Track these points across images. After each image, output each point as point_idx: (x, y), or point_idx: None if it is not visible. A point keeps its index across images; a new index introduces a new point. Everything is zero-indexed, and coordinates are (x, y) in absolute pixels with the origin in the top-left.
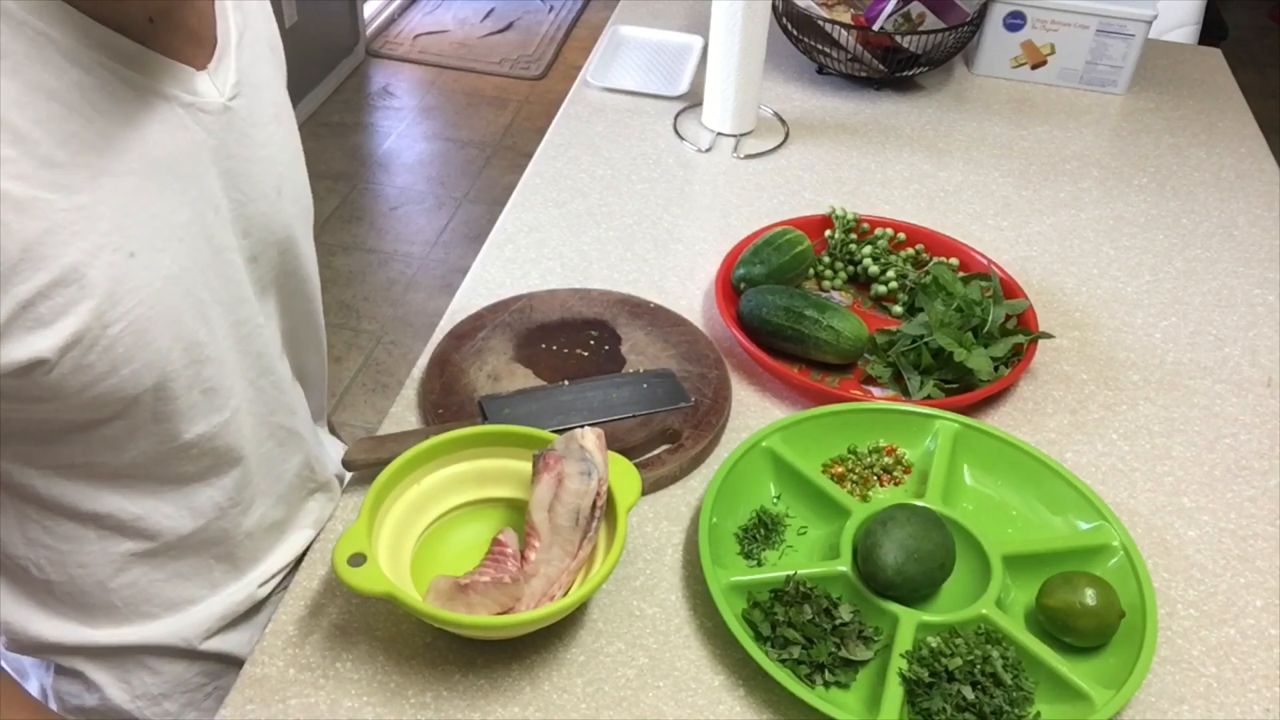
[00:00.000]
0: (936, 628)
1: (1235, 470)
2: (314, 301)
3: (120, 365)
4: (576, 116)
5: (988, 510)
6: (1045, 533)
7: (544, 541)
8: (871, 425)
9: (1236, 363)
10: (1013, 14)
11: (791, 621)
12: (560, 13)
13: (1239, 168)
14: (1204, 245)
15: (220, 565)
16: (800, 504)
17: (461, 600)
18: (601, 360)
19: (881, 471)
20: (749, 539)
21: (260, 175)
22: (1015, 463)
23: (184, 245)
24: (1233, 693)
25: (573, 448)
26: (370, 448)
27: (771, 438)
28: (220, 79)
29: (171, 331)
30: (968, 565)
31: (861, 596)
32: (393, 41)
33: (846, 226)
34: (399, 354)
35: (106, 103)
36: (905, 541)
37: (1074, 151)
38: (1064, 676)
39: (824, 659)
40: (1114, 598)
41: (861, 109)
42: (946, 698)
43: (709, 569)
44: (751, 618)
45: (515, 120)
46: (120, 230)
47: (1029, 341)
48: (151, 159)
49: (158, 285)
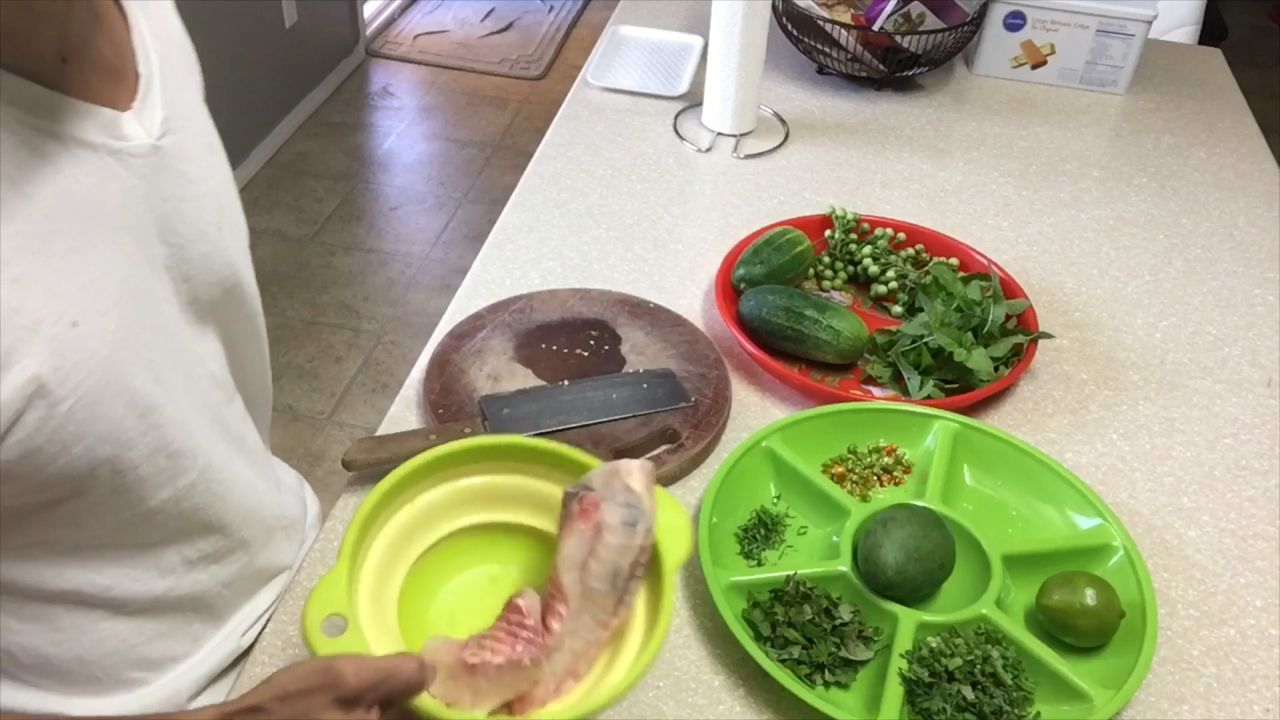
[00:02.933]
0: (936, 628)
1: (1235, 470)
2: (259, 329)
3: (72, 444)
4: (576, 116)
5: (987, 510)
6: (1045, 532)
7: (572, 609)
8: (871, 425)
9: (1236, 363)
10: (1013, 14)
11: (791, 621)
12: (560, 13)
13: (1239, 168)
14: (1204, 245)
15: (199, 618)
16: (800, 504)
17: (467, 685)
18: (601, 360)
19: (881, 471)
20: (749, 539)
21: (197, 214)
22: (1015, 462)
23: (126, 304)
24: (1233, 693)
25: (615, 487)
26: (370, 448)
27: (771, 438)
28: (147, 117)
29: (124, 399)
30: (968, 565)
31: (861, 596)
32: (393, 41)
33: (846, 226)
34: (399, 354)
35: (29, 160)
36: (905, 541)
37: (1074, 151)
38: (1064, 676)
39: (824, 659)
40: (1114, 598)
41: (861, 109)
42: (946, 698)
43: (709, 569)
44: (751, 618)
45: (515, 120)
46: (58, 299)
47: (1029, 341)
48: (83, 217)
49: (104, 352)
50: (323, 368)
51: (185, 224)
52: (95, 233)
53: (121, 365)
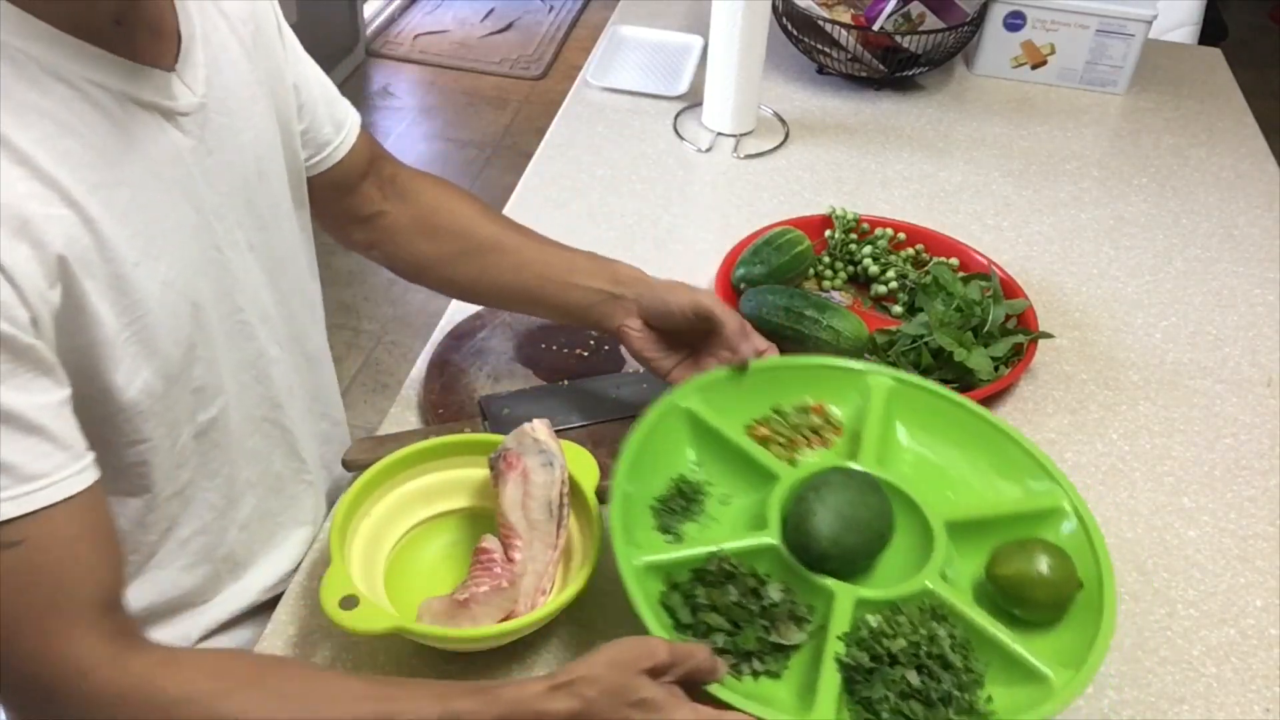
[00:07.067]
0: (876, 604)
1: (1235, 470)
2: (306, 278)
3: (133, 374)
4: (576, 116)
5: (927, 473)
6: (990, 497)
7: (525, 539)
8: (798, 382)
9: (1236, 363)
10: (1013, 14)
11: (715, 605)
12: (560, 13)
13: (1239, 168)
14: (1204, 245)
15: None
16: (723, 470)
17: (465, 615)
18: (601, 360)
19: (810, 432)
20: (667, 511)
21: (241, 163)
22: (955, 420)
23: (178, 250)
24: (1233, 693)
25: (526, 442)
26: (370, 448)
27: (689, 398)
28: (190, 75)
29: (171, 337)
30: (907, 534)
31: (792, 572)
32: (393, 41)
33: (846, 226)
34: (399, 354)
35: (94, 115)
36: (841, 509)
37: (1074, 151)
38: (1018, 656)
39: (752, 645)
40: (1071, 567)
41: (861, 109)
42: (889, 684)
43: (620, 548)
44: (669, 602)
45: (515, 120)
46: (122, 242)
47: (1029, 341)
48: (141, 169)
49: (157, 292)
50: None
51: (231, 173)
52: (152, 184)
53: (170, 305)
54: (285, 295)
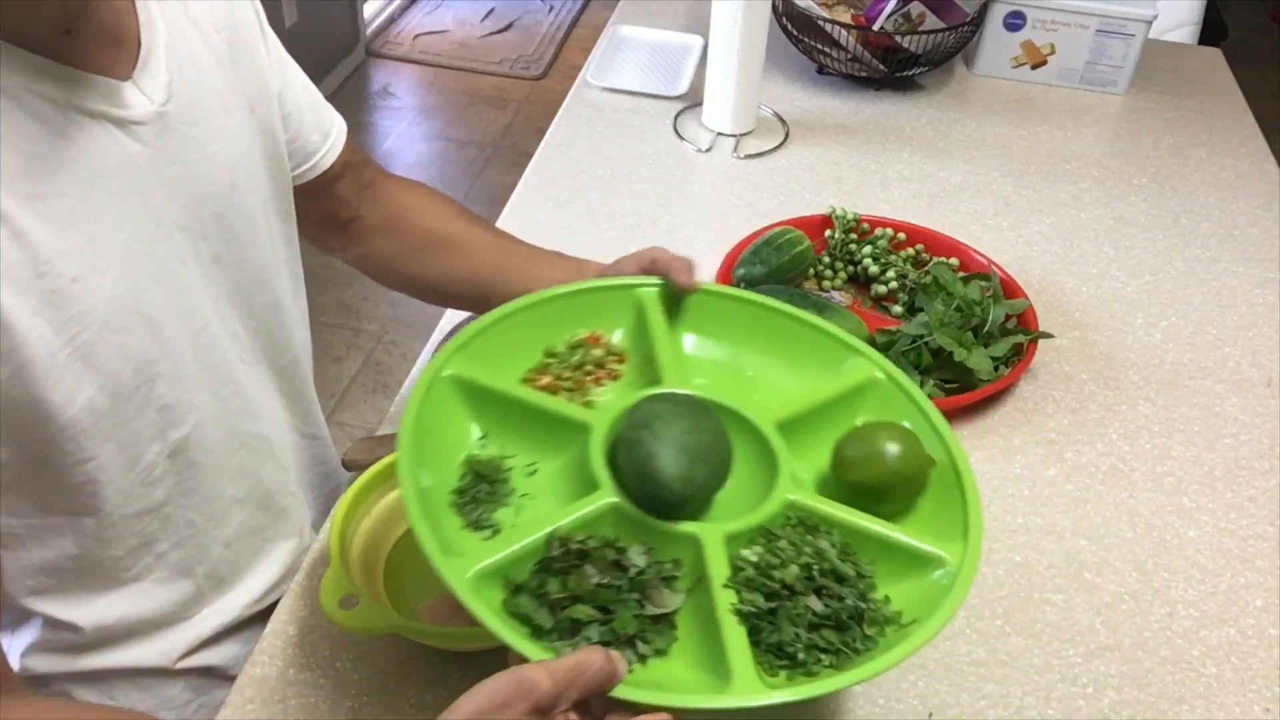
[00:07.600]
0: (746, 536)
1: (1235, 470)
2: (286, 291)
3: (74, 392)
4: (576, 116)
5: (731, 379)
6: (802, 386)
7: None
8: (561, 316)
9: (1236, 363)
10: (1013, 14)
11: (576, 594)
12: (560, 13)
13: (1239, 168)
14: (1204, 245)
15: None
16: (516, 437)
17: (465, 615)
18: None
19: (595, 367)
20: (470, 503)
21: (208, 175)
22: (741, 318)
23: (129, 263)
24: (1233, 693)
25: None
26: (370, 448)
27: (450, 363)
28: (149, 83)
29: (119, 354)
30: (742, 450)
31: (644, 528)
32: (393, 41)
33: (846, 226)
34: (399, 354)
35: (30, 125)
36: (682, 440)
37: (1074, 151)
38: (904, 544)
39: (631, 628)
40: (917, 443)
41: (861, 109)
42: (795, 619)
43: (440, 562)
44: (518, 610)
45: (515, 120)
46: (58, 256)
47: (1029, 341)
48: (85, 180)
49: (102, 307)
50: (322, 368)
51: (196, 185)
52: (97, 195)
53: (119, 321)
54: (258, 309)
